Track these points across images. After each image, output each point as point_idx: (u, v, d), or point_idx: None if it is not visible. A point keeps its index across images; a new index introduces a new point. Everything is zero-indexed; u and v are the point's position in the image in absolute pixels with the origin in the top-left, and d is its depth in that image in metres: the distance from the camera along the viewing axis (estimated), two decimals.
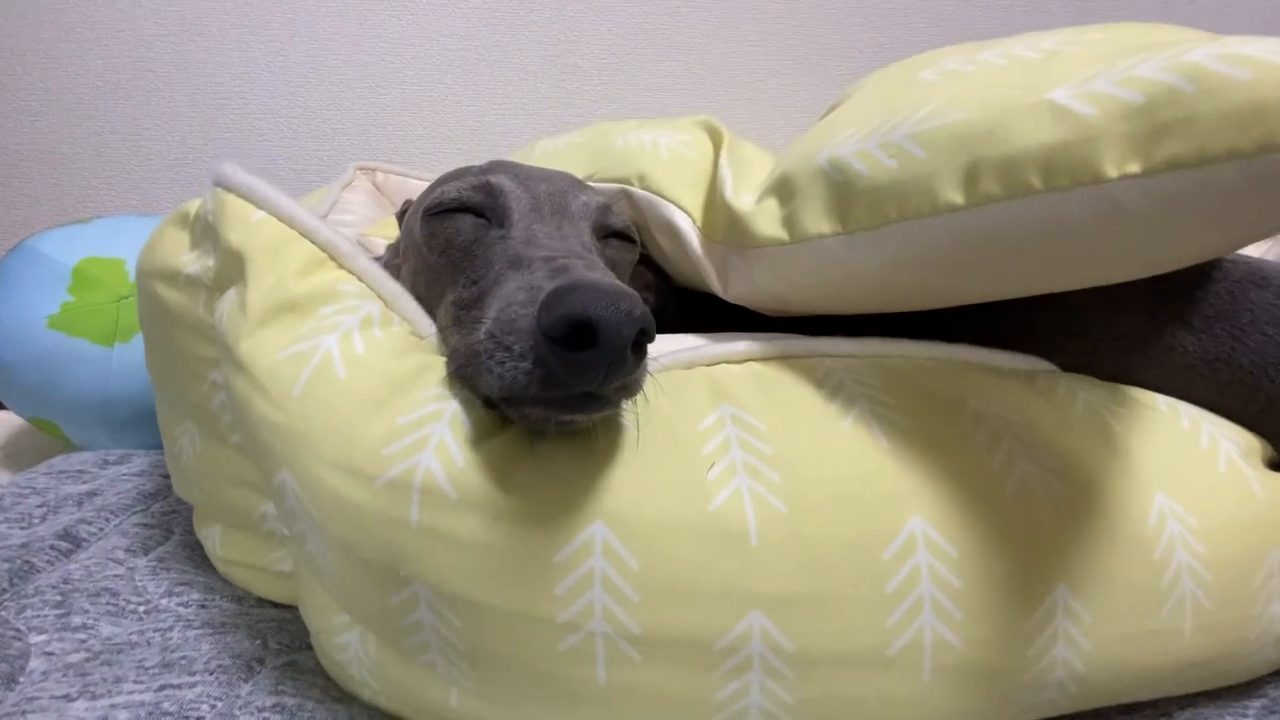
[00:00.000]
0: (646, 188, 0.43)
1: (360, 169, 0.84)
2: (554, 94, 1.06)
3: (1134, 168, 0.24)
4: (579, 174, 0.47)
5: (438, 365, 0.31)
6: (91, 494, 0.56)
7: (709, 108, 1.07)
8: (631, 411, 0.31)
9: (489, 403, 0.29)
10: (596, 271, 0.27)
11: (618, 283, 0.25)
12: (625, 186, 0.44)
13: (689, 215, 0.42)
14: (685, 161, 0.44)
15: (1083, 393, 0.37)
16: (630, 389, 0.27)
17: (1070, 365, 0.40)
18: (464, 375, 0.29)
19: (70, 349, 0.69)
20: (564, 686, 0.29)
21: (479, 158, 1.10)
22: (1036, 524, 0.31)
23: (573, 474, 0.29)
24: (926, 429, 0.33)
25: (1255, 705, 0.38)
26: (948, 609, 0.29)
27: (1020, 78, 0.29)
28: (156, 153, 0.98)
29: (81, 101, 0.95)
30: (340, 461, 0.28)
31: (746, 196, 0.38)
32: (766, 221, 0.36)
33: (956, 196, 0.28)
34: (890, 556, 0.29)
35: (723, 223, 0.39)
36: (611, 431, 0.30)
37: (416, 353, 0.31)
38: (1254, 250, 0.51)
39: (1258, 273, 0.39)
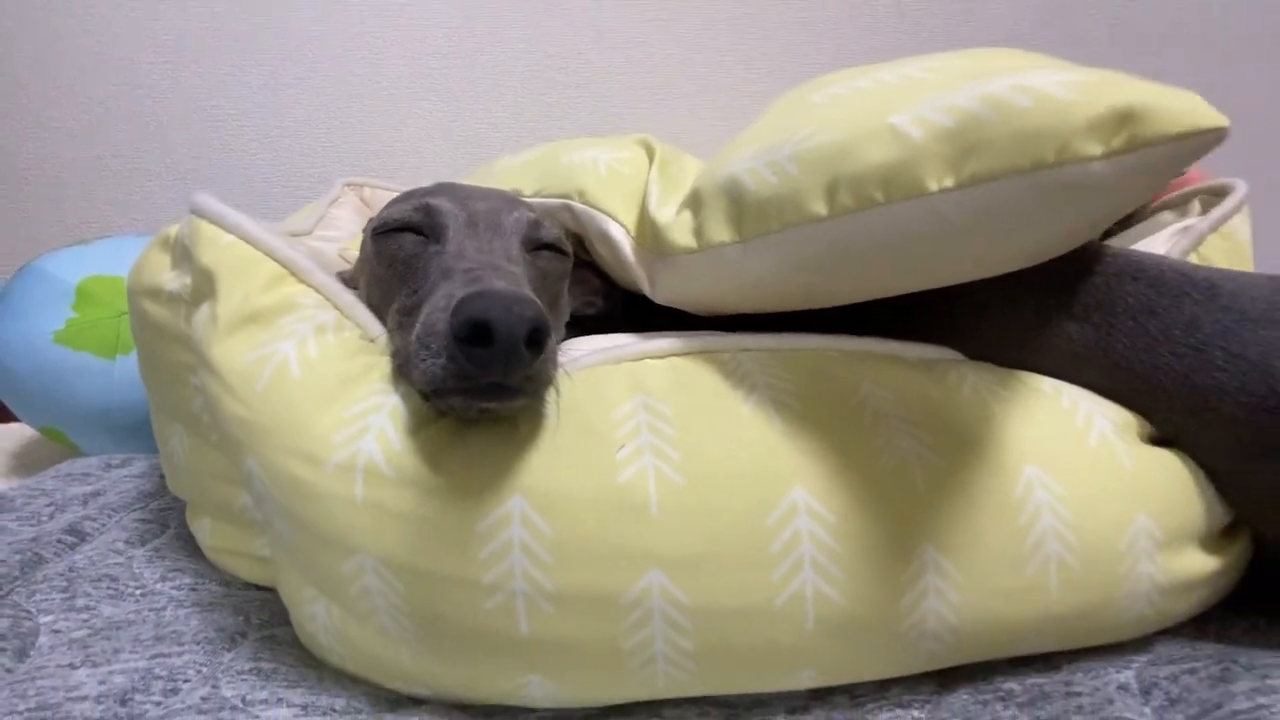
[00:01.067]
0: (586, 202, 0.48)
1: (348, 185, 0.89)
2: (534, 108, 1.11)
3: (949, 182, 0.29)
4: (529, 189, 0.52)
5: (382, 365, 0.36)
6: (95, 494, 0.61)
7: (682, 121, 1.13)
8: (553, 402, 0.36)
9: (425, 395, 0.34)
10: (503, 281, 0.32)
11: (518, 290, 0.30)
12: (567, 201, 0.49)
13: (623, 226, 0.47)
14: (622, 177, 0.49)
15: (972, 377, 0.42)
16: (537, 379, 0.32)
17: (976, 354, 0.45)
18: (402, 372, 0.34)
19: (75, 362, 0.75)
20: (493, 640, 0.33)
21: (462, 170, 1.16)
22: (910, 493, 0.35)
23: (496, 455, 0.34)
24: (817, 411, 0.37)
25: (1141, 659, 0.42)
26: (826, 567, 0.34)
27: (878, 103, 0.33)
28: (155, 174, 1.04)
29: (84, 128, 1.02)
30: (296, 449, 0.33)
31: (667, 209, 0.43)
32: (681, 231, 0.41)
33: (821, 208, 0.33)
34: (774, 522, 0.34)
35: (649, 233, 0.44)
36: (533, 419, 0.35)
37: (364, 355, 0.36)
38: (1161, 244, 0.55)
39: (1135, 265, 0.43)
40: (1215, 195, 0.61)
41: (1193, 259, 0.54)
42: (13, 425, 0.98)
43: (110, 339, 0.75)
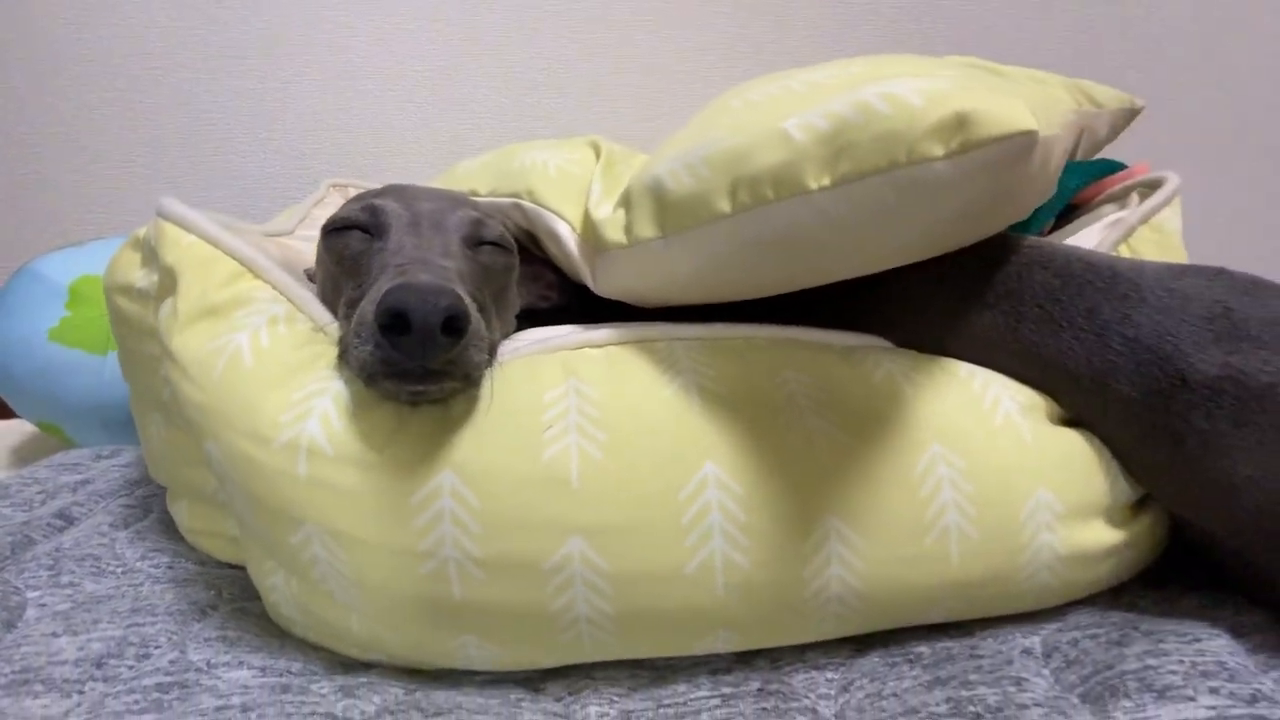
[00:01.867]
0: (535, 201, 0.51)
1: (333, 186, 0.93)
2: (515, 109, 1.15)
3: (825, 181, 0.32)
4: (484, 189, 0.56)
5: (329, 353, 0.39)
6: (84, 482, 0.65)
7: (662, 121, 1.16)
8: (487, 386, 0.39)
9: (364, 381, 0.37)
10: (428, 274, 0.35)
11: (437, 282, 0.33)
12: (518, 200, 0.52)
13: (569, 223, 0.50)
14: (570, 177, 0.52)
15: (888, 363, 0.45)
16: (459, 363, 0.35)
17: (903, 342, 0.48)
18: (343, 360, 0.37)
19: (68, 359, 0.79)
20: (430, 604, 0.37)
21: (442, 171, 1.19)
22: (815, 467, 0.39)
23: (429, 434, 0.37)
24: (735, 393, 0.40)
25: (1050, 627, 0.45)
26: (734, 535, 0.37)
27: (780, 108, 0.36)
28: (146, 178, 1.08)
29: (77, 134, 1.06)
30: (247, 430, 0.37)
31: (605, 207, 0.47)
32: (614, 228, 0.44)
33: (725, 206, 0.36)
34: (685, 495, 0.37)
35: (591, 229, 0.48)
36: (466, 402, 0.39)
37: (312, 345, 0.40)
38: (1093, 235, 0.57)
39: (1044, 256, 0.46)
40: (1152, 188, 0.64)
41: (1123, 249, 0.57)
42: (12, 422, 1.03)
43: (101, 336, 0.79)
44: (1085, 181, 0.69)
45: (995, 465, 0.41)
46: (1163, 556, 0.49)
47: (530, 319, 0.53)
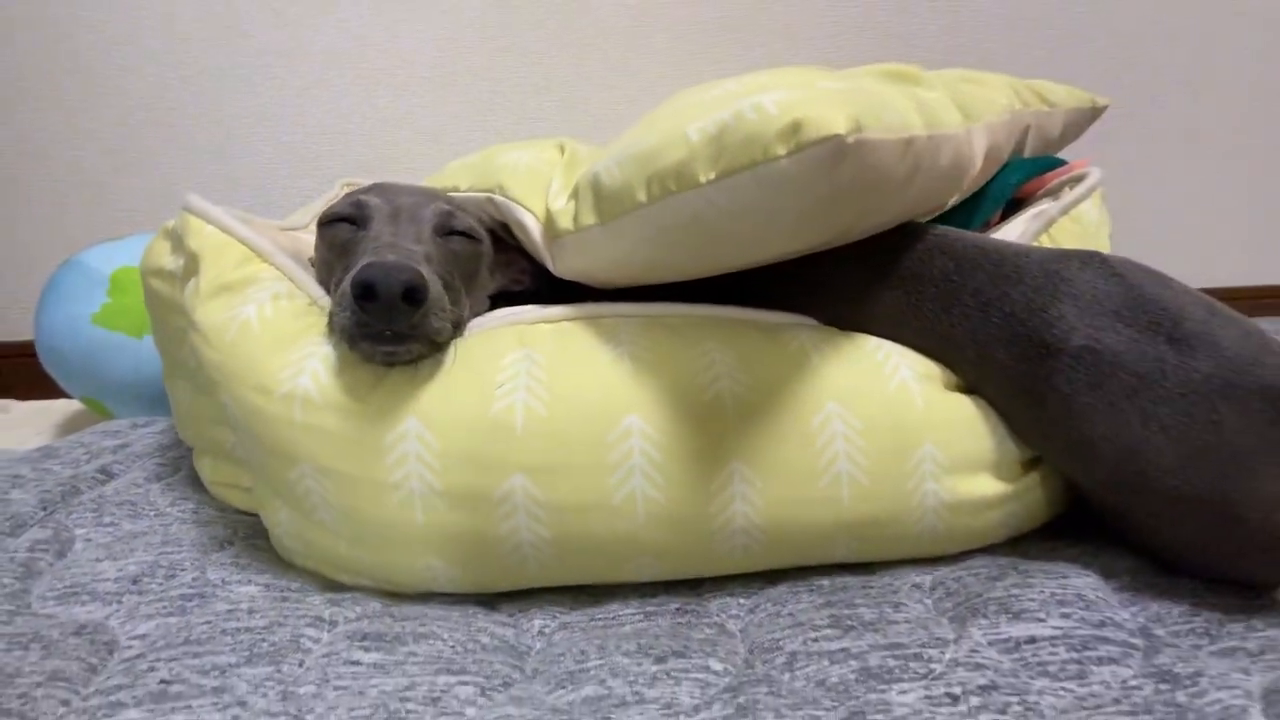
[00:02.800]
0: (505, 195, 0.59)
1: (345, 185, 1.02)
2: (516, 115, 1.23)
3: (712, 176, 0.39)
4: (464, 185, 0.64)
5: (321, 324, 0.48)
6: (123, 445, 0.75)
7: None
8: (451, 352, 0.47)
9: (347, 345, 0.46)
10: (395, 255, 0.43)
11: (402, 261, 0.41)
12: (491, 195, 0.60)
13: (533, 214, 0.58)
14: (536, 174, 0.60)
15: (804, 337, 0.52)
16: (421, 328, 0.43)
17: (827, 320, 0.55)
18: (330, 328, 0.45)
19: (110, 340, 0.89)
20: (400, 528, 0.45)
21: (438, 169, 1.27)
22: (723, 421, 0.46)
23: (400, 388, 0.45)
24: (661, 360, 0.48)
25: (945, 569, 0.51)
26: (651, 474, 0.45)
27: (690, 113, 0.44)
28: (179, 178, 1.19)
29: (118, 138, 1.17)
30: (254, 384, 0.45)
31: (560, 199, 0.54)
32: (565, 217, 0.52)
33: (643, 197, 0.44)
34: (612, 439, 0.45)
35: (549, 219, 0.55)
36: (433, 364, 0.47)
37: (308, 316, 0.48)
38: (1019, 226, 0.63)
39: (944, 242, 0.53)
40: (1080, 182, 0.70)
41: (1044, 239, 0.64)
42: (60, 400, 1.14)
43: (139, 320, 0.89)
44: (1027, 176, 0.75)
45: (886, 423, 0.48)
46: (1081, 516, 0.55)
47: (507, 300, 0.61)
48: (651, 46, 1.22)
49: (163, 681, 0.40)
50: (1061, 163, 0.77)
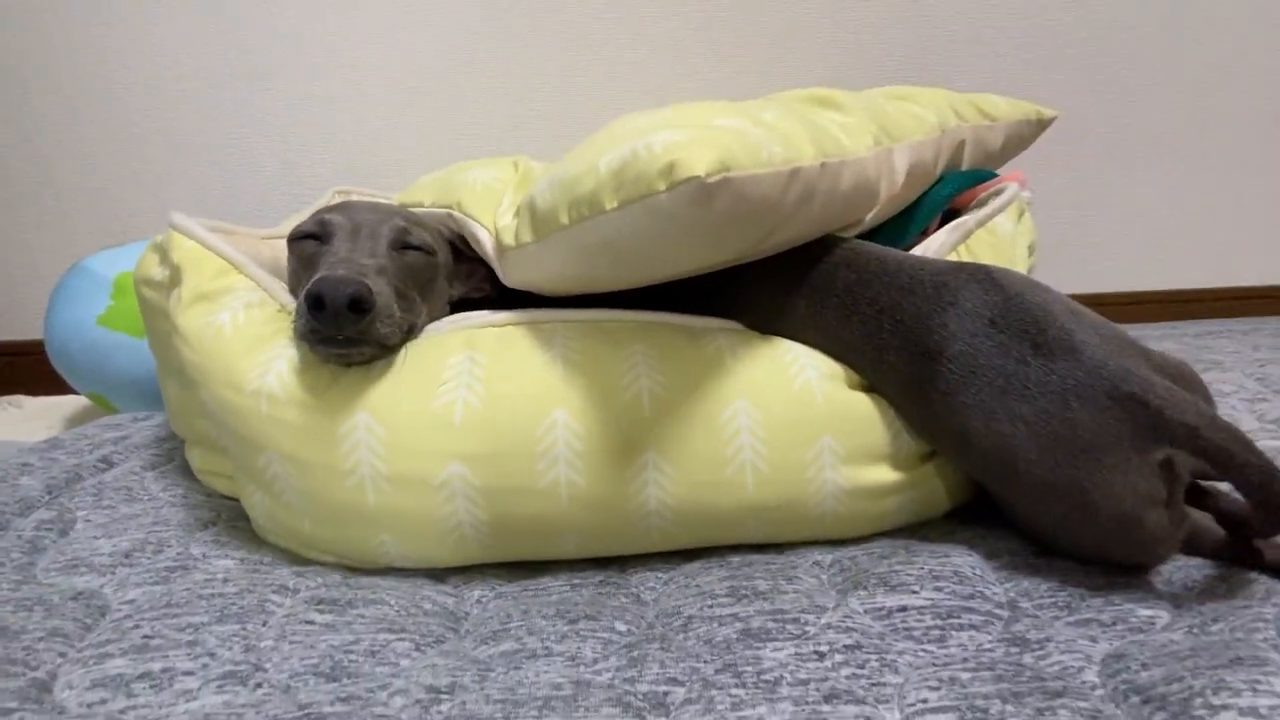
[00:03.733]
0: (462, 211, 0.66)
1: (338, 192, 1.09)
2: (499, 127, 1.30)
3: (614, 205, 0.46)
4: (428, 201, 0.70)
5: (288, 329, 0.54)
6: (123, 437, 0.82)
7: None
8: (403, 354, 0.54)
9: (308, 348, 0.52)
10: (344, 269, 0.50)
11: (350, 275, 0.48)
12: (450, 211, 0.67)
13: (486, 229, 0.64)
14: (491, 191, 0.66)
15: (724, 340, 0.58)
16: (369, 334, 0.50)
17: (751, 325, 0.61)
18: (294, 333, 0.52)
19: (113, 340, 0.96)
20: (354, 509, 0.52)
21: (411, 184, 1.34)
22: (641, 415, 0.52)
23: (354, 386, 0.52)
24: (590, 361, 0.54)
25: (847, 549, 0.57)
26: (574, 462, 0.51)
27: (605, 146, 0.50)
28: (180, 186, 1.26)
29: (122, 150, 1.24)
30: (227, 382, 0.52)
31: (507, 216, 0.61)
32: (509, 233, 0.58)
33: (565, 219, 0.50)
34: (540, 432, 0.51)
35: (498, 234, 0.62)
36: (385, 364, 0.53)
37: (276, 322, 0.55)
38: (939, 239, 0.69)
39: (850, 256, 0.59)
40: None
41: (962, 249, 0.69)
42: (69, 396, 1.22)
43: (140, 322, 0.96)
44: (959, 189, 0.81)
45: (789, 418, 0.54)
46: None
47: (468, 307, 0.68)
48: (640, 58, 1.28)
49: (145, 637, 0.47)
50: (993, 175, 0.83)
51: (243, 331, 0.54)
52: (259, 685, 0.43)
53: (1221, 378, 1.01)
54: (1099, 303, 1.49)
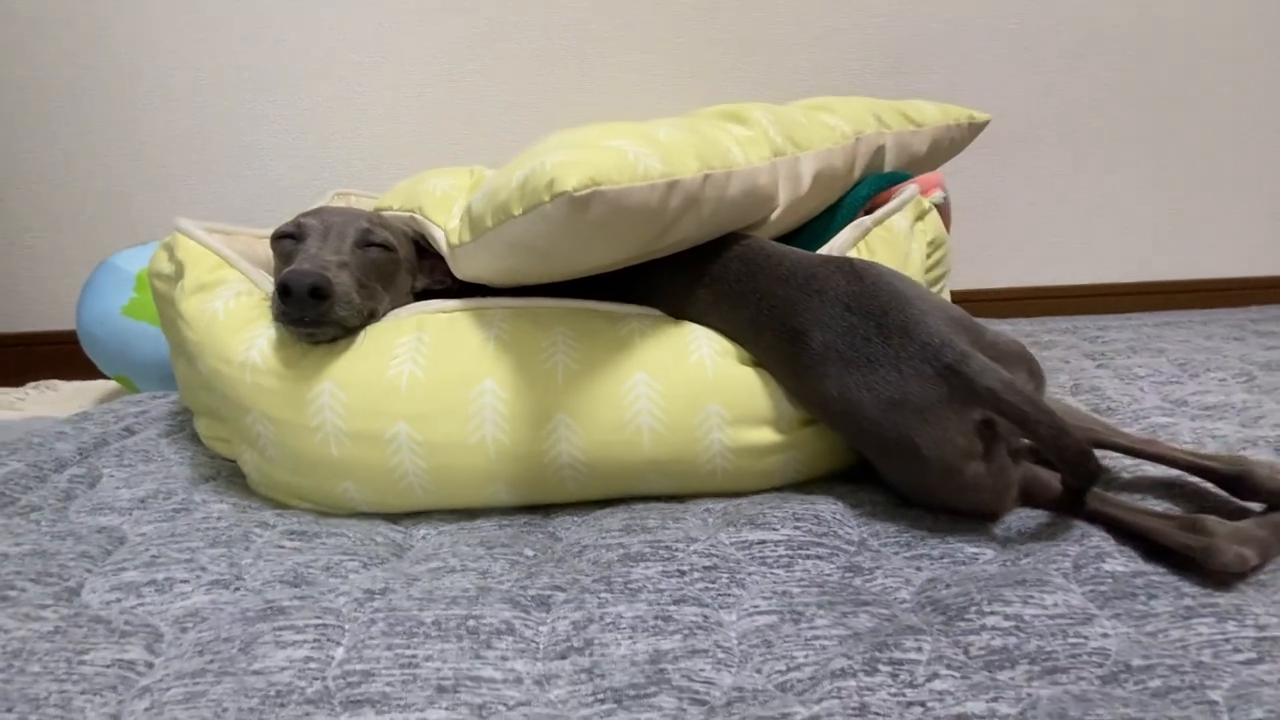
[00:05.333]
0: (422, 214, 0.78)
1: (337, 194, 1.22)
2: (493, 127, 1.42)
3: (519, 211, 0.57)
4: (396, 205, 0.83)
5: (269, 313, 0.67)
6: (143, 411, 0.96)
7: None
8: (363, 334, 0.66)
9: (284, 328, 0.65)
10: (309, 264, 0.62)
11: (312, 269, 0.60)
12: (412, 214, 0.79)
13: (442, 230, 0.76)
14: (448, 197, 0.79)
15: (636, 323, 0.69)
16: (329, 316, 0.62)
17: (668, 312, 0.72)
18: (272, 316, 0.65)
19: (136, 329, 1.10)
20: (321, 460, 0.64)
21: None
22: (555, 385, 0.64)
23: (321, 359, 0.65)
24: (517, 340, 0.66)
25: (736, 499, 0.68)
26: (499, 423, 0.63)
27: (523, 161, 0.62)
28: (196, 187, 1.40)
29: (143, 156, 1.39)
30: (220, 355, 0.65)
31: (455, 219, 0.73)
32: (454, 234, 0.70)
33: (490, 223, 0.62)
34: (471, 397, 0.63)
35: (448, 234, 0.74)
36: (347, 342, 0.66)
37: (261, 308, 0.68)
38: (843, 236, 0.80)
39: (745, 250, 0.70)
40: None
41: (861, 246, 0.80)
42: (99, 381, 1.37)
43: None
44: (875, 190, 0.91)
45: (682, 387, 0.66)
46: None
47: (433, 297, 0.80)
48: (618, 66, 1.40)
49: (152, 557, 0.60)
50: (907, 177, 0.93)
51: (233, 315, 0.67)
52: (237, 589, 0.56)
53: (1151, 362, 1.10)
54: (1069, 295, 1.57)
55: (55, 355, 1.46)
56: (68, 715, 0.44)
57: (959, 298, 1.55)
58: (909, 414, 0.59)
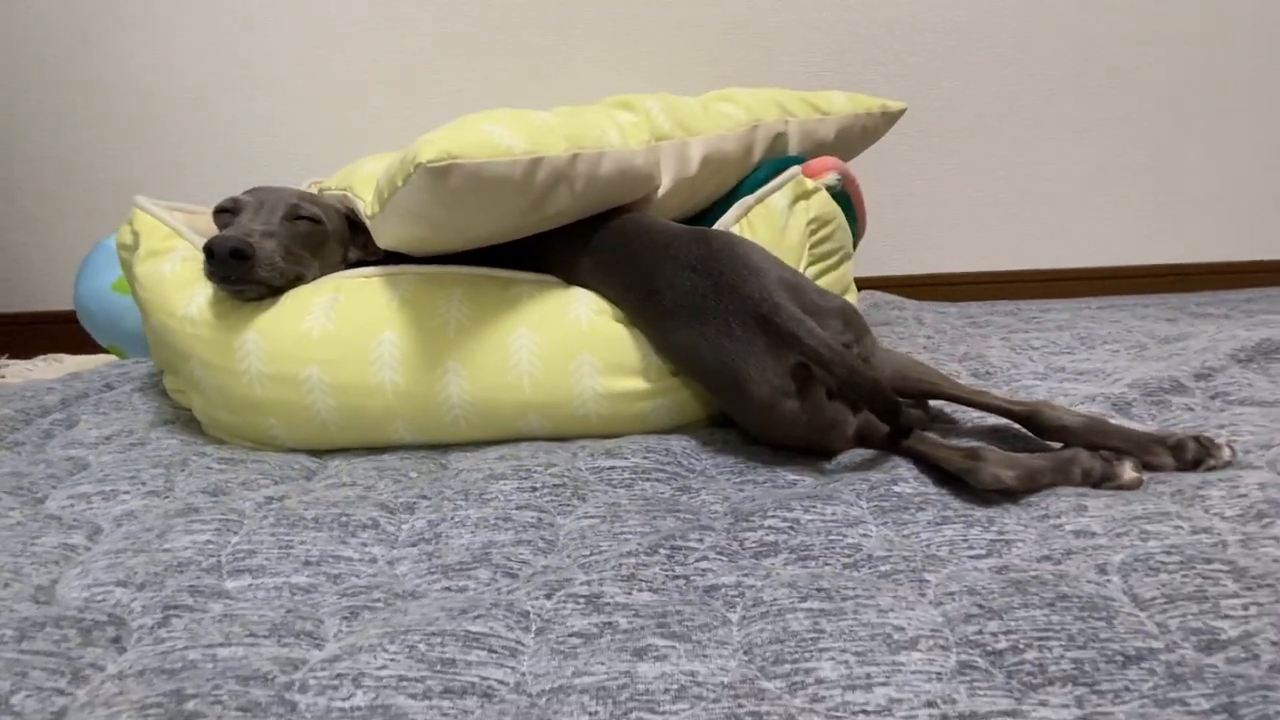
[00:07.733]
0: (352, 192, 0.90)
1: (312, 183, 1.34)
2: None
3: (401, 183, 0.69)
4: (334, 185, 0.95)
5: None
6: (124, 372, 1.10)
7: None
8: (288, 293, 0.79)
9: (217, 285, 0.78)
10: (234, 231, 0.75)
11: (235, 235, 0.73)
12: (345, 192, 0.92)
13: (366, 205, 0.89)
14: (375, 177, 0.91)
15: (527, 287, 0.81)
16: (250, 275, 0.75)
17: (566, 279, 0.84)
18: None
19: (125, 303, 1.25)
20: (249, 399, 0.77)
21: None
22: (447, 337, 0.76)
23: (248, 313, 0.78)
24: (417, 300, 0.78)
25: (605, 440, 0.79)
26: (395, 367, 0.75)
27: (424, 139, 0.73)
28: (189, 177, 1.55)
29: (137, 141, 1.54)
30: (165, 310, 0.78)
31: (371, 194, 0.85)
32: (368, 205, 0.83)
33: (387, 194, 0.74)
34: (373, 345, 0.76)
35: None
36: (272, 300, 0.79)
37: (202, 271, 0.81)
38: (729, 214, 0.90)
39: (625, 224, 0.81)
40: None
41: (743, 223, 0.90)
42: (99, 355, 1.52)
43: None
44: (771, 174, 1.01)
45: (558, 341, 0.77)
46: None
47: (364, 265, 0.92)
48: (610, 55, 1.51)
49: (106, 475, 0.73)
50: (801, 161, 1.03)
51: (178, 276, 0.80)
52: (167, 498, 0.69)
53: (1054, 336, 1.18)
54: (1021, 280, 1.65)
55: (62, 332, 1.61)
56: (18, 578, 0.57)
57: (917, 281, 1.64)
58: (735, 358, 0.70)
